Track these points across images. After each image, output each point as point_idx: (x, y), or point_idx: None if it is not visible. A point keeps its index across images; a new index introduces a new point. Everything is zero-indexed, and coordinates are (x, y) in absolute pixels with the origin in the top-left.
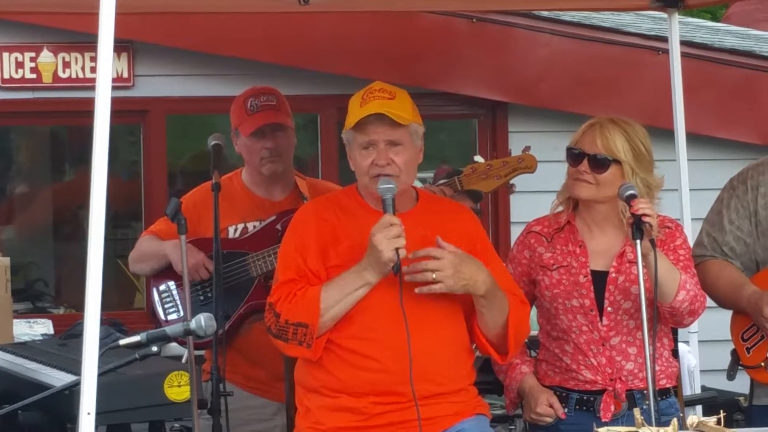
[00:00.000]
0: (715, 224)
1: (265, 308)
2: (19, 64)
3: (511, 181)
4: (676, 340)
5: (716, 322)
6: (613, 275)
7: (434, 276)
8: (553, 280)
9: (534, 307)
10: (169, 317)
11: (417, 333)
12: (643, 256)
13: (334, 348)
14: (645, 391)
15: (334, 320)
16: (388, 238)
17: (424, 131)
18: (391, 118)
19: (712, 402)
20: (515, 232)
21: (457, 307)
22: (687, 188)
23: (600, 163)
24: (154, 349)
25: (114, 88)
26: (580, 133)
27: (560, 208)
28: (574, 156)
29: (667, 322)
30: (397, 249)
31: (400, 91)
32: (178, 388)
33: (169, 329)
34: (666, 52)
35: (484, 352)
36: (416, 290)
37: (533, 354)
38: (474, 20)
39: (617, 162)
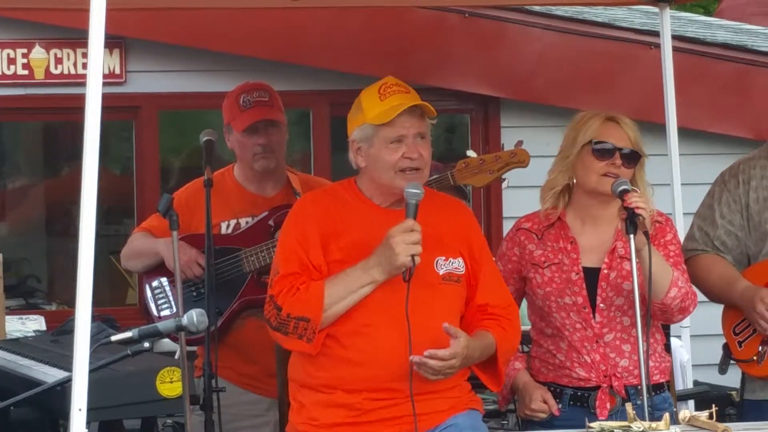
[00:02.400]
0: (706, 218)
1: (266, 300)
2: (11, 61)
3: (504, 176)
4: (668, 335)
5: (708, 316)
6: (605, 272)
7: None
8: (545, 278)
9: (525, 303)
10: (162, 313)
11: (416, 331)
12: (637, 251)
13: (330, 342)
14: (639, 387)
15: (336, 316)
16: (407, 243)
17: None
18: (421, 108)
19: (704, 396)
20: (507, 227)
21: (454, 306)
22: (679, 183)
23: (632, 158)
24: (146, 345)
25: (106, 84)
26: (599, 126)
27: (548, 205)
28: (604, 150)
29: (658, 318)
30: (413, 256)
31: (410, 87)
32: (170, 384)
33: (161, 325)
34: (658, 46)
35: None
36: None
37: (525, 349)
38: (466, 15)
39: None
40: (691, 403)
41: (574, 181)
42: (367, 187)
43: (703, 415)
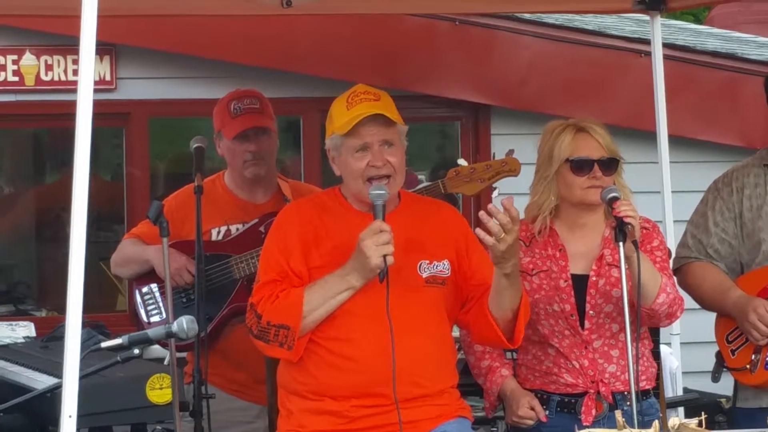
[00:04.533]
0: (699, 226)
1: (247, 309)
2: (1, 67)
3: (494, 184)
4: (657, 342)
5: (698, 323)
6: (594, 279)
7: (502, 236)
8: (534, 285)
9: None
10: (152, 319)
11: (401, 336)
12: (626, 259)
13: (317, 349)
14: (625, 393)
15: (316, 323)
16: (377, 245)
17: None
18: (387, 116)
19: (694, 404)
20: None
21: (440, 310)
22: (669, 190)
23: (609, 166)
24: (136, 351)
25: (96, 90)
26: (571, 140)
27: (539, 226)
28: (582, 164)
29: (645, 323)
30: (384, 256)
31: (383, 93)
32: (160, 391)
33: (150, 332)
34: (649, 54)
35: (491, 338)
36: (476, 231)
37: (511, 356)
38: (457, 23)
39: (617, 161)
40: (681, 410)
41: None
42: (348, 193)
43: (693, 422)
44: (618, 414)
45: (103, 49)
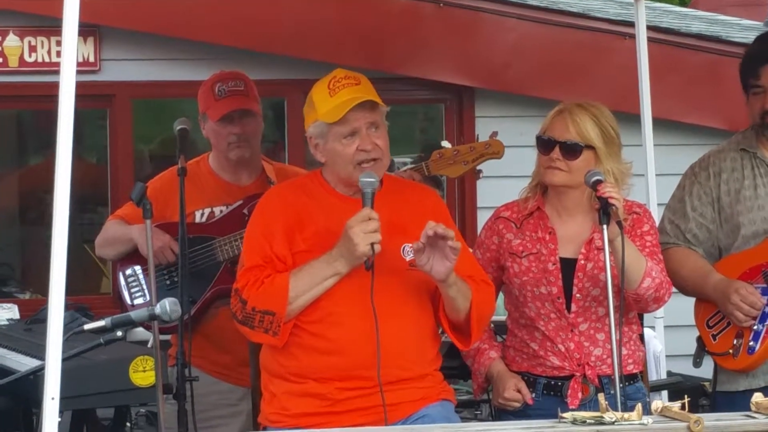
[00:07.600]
0: (677, 211)
1: (231, 294)
2: None
3: (478, 167)
4: (642, 325)
5: (682, 307)
6: (582, 262)
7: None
8: (522, 267)
9: (501, 293)
10: (135, 301)
11: (384, 319)
12: (610, 242)
13: (300, 332)
14: (612, 376)
15: (301, 308)
16: (365, 232)
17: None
18: (374, 101)
19: (677, 387)
20: (481, 217)
21: (423, 294)
22: (653, 173)
23: (572, 150)
24: (119, 334)
25: (80, 72)
26: (549, 120)
27: (522, 196)
28: (545, 144)
29: (633, 308)
30: (372, 244)
31: (362, 76)
32: (143, 373)
33: (134, 314)
34: (633, 37)
35: (449, 336)
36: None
37: (501, 339)
38: (441, 5)
39: (589, 147)
40: (665, 393)
41: None
42: (330, 177)
43: (676, 405)
44: (601, 397)
45: (86, 30)
